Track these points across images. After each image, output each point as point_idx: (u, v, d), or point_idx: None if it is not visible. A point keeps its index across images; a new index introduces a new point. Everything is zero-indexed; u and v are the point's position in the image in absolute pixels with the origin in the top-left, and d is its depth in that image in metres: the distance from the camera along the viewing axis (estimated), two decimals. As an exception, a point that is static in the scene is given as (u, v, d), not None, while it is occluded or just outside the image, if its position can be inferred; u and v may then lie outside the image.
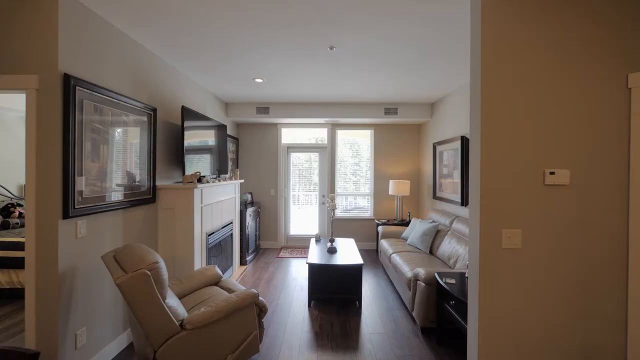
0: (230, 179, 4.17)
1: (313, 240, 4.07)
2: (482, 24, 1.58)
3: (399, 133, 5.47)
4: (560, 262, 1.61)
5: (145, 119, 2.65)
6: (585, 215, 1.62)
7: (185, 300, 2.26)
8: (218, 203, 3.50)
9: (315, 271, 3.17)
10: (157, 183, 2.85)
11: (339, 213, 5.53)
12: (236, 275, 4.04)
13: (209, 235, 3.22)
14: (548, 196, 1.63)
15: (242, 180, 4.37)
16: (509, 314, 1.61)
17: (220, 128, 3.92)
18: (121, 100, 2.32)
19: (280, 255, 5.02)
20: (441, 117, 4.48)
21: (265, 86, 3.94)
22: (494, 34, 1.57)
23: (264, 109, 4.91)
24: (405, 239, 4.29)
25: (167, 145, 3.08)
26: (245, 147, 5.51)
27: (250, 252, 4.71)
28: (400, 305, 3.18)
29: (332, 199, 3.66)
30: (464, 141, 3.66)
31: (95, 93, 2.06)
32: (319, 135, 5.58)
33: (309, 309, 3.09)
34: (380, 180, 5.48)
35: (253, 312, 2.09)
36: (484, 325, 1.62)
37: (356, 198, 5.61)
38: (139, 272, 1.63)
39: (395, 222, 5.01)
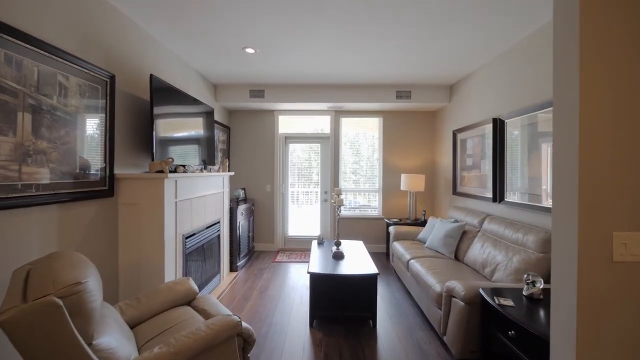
0: (218, 170, 3.56)
1: (315, 243, 3.46)
2: None
3: (412, 121, 4.86)
4: None
5: (97, 86, 2.03)
6: None
7: (141, 329, 1.64)
8: (200, 198, 2.89)
9: (319, 282, 2.56)
10: (117, 172, 2.24)
11: (343, 212, 4.92)
12: (224, 285, 3.43)
13: (187, 237, 2.61)
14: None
15: (232, 173, 3.76)
16: (626, 362, 1.01)
17: (207, 111, 3.30)
18: (55, 55, 1.70)
19: (277, 260, 4.40)
20: (463, 99, 3.87)
21: (258, 60, 3.33)
22: None
23: (258, 92, 4.29)
24: (423, 242, 3.68)
25: (135, 125, 2.46)
26: (237, 137, 4.90)
27: (242, 256, 4.10)
28: (424, 325, 2.57)
29: (339, 194, 3.05)
30: (497, 124, 3.05)
31: (7, 37, 1.45)
32: (320, 126, 4.96)
33: (310, 330, 2.48)
34: (390, 175, 4.87)
35: (234, 347, 1.48)
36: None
37: (356, 196, 5.00)
38: (41, 302, 1.01)
39: (408, 221, 4.40)
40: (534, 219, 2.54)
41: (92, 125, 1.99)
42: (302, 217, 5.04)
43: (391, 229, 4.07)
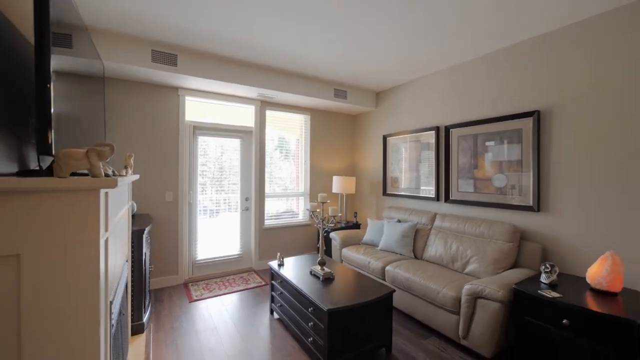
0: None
1: (274, 266, 2.68)
2: None
3: (336, 122, 4.76)
4: None
5: None
6: None
7: None
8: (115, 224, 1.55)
9: (339, 320, 1.94)
10: None
11: (265, 221, 4.17)
12: (137, 362, 2.05)
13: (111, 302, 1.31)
14: None
15: (137, 176, 2.34)
16: None
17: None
18: None
19: (194, 298, 3.14)
20: (394, 106, 4.13)
21: None
22: None
23: (167, 57, 2.91)
24: (372, 244, 3.63)
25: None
26: (120, 119, 3.16)
27: (147, 304, 2.63)
28: (426, 332, 2.46)
29: (323, 201, 2.46)
30: (443, 132, 3.41)
31: None
32: (238, 119, 4.00)
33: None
34: (317, 178, 4.57)
35: None
36: None
37: (272, 201, 4.43)
38: None
39: (342, 225, 4.27)
40: (484, 214, 2.97)
41: None
42: (214, 232, 3.88)
43: (334, 235, 3.80)
